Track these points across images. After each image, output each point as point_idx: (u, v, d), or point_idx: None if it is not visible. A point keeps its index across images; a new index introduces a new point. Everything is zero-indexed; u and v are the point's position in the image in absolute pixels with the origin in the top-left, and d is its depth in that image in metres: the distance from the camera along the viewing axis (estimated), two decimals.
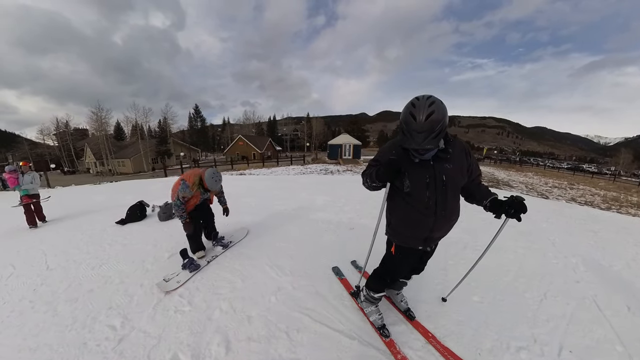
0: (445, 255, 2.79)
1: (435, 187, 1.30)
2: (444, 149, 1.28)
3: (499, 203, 1.32)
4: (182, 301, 2.11)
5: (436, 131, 1.11)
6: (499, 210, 1.30)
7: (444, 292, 2.08)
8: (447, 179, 1.29)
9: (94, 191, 9.20)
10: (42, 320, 1.99)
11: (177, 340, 1.71)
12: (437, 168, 1.29)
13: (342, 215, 4.32)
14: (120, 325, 1.87)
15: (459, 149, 1.33)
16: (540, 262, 2.83)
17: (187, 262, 2.58)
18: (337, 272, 2.48)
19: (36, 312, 2.09)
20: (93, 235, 3.80)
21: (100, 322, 1.92)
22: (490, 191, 1.42)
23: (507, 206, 1.28)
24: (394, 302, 1.98)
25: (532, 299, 2.14)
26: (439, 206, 1.32)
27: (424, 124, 1.10)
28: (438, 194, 1.31)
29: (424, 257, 1.65)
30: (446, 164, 1.29)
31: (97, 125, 33.87)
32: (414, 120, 1.12)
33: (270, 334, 1.75)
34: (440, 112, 1.10)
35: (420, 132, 1.12)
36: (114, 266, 2.78)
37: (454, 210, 1.40)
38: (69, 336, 1.81)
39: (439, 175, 1.29)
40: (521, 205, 1.26)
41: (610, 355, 1.62)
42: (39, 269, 2.81)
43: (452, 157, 1.29)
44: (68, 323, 1.94)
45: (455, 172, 1.31)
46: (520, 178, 15.67)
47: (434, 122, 1.09)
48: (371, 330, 1.76)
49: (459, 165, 1.32)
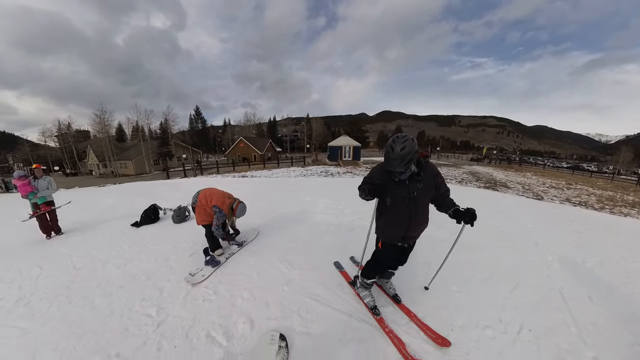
0: (431, 252, 3.06)
1: (409, 200, 1.77)
2: (417, 173, 1.75)
3: (458, 212, 1.77)
4: (208, 292, 2.47)
5: (407, 159, 1.57)
6: (459, 217, 1.76)
7: (426, 282, 2.47)
8: (418, 195, 1.77)
9: (101, 194, 9.34)
10: (82, 312, 2.22)
11: (209, 322, 2.07)
12: (410, 187, 1.76)
13: (342, 217, 4.66)
14: (156, 314, 2.16)
15: (429, 172, 1.79)
16: (518, 260, 3.11)
17: (209, 259, 2.94)
18: (338, 266, 2.86)
19: (74, 305, 2.31)
20: (112, 237, 4.03)
21: (136, 312, 2.19)
22: (454, 203, 1.85)
23: (463, 215, 1.74)
24: (384, 289, 2.41)
25: (504, 289, 2.50)
26: (412, 214, 1.80)
27: (398, 154, 1.57)
28: (411, 206, 1.78)
29: (405, 251, 2.10)
30: (418, 184, 1.76)
31: (99, 127, 34.21)
32: (392, 151, 1.60)
33: (286, 314, 2.14)
34: (410, 146, 1.56)
35: (395, 160, 1.59)
36: (138, 265, 3.05)
37: (424, 218, 1.90)
38: (111, 324, 2.05)
39: (412, 192, 1.76)
40: (472, 215, 1.71)
41: (564, 334, 1.95)
42: (66, 269, 3.03)
43: (422, 178, 1.75)
44: (107, 314, 2.18)
45: (424, 190, 1.77)
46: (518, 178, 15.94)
47: (405, 153, 1.56)
48: (365, 310, 2.16)
49: (428, 184, 1.78)
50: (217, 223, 2.96)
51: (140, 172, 31.72)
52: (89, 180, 24.60)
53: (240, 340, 1.90)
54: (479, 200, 7.03)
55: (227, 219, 3.08)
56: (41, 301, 2.42)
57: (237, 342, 1.88)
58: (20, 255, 3.57)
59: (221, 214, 2.94)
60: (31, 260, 3.34)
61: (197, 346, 1.85)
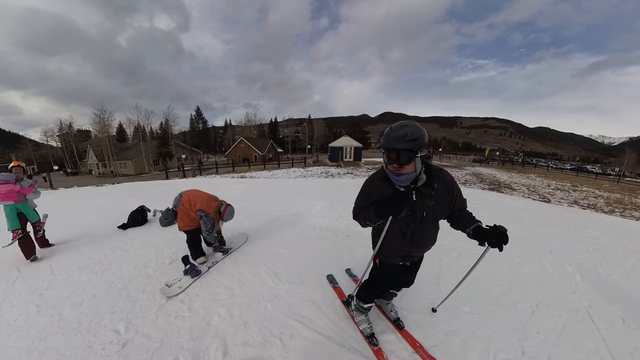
0: (440, 264, 2.80)
1: (414, 221, 1.37)
2: (428, 183, 1.32)
3: (481, 232, 1.35)
4: (183, 307, 2.19)
5: (408, 137, 1.17)
6: (482, 238, 1.34)
7: (435, 302, 2.11)
8: (427, 215, 1.36)
9: (97, 193, 9.28)
10: (49, 323, 2.06)
11: (177, 345, 1.79)
12: (419, 204, 1.34)
13: (340, 221, 4.36)
14: (124, 330, 1.94)
15: (442, 184, 1.36)
16: (535, 271, 2.82)
17: (189, 268, 2.66)
18: (331, 280, 2.53)
19: (42, 316, 2.16)
20: (95, 241, 3.82)
21: (104, 327, 1.99)
22: (474, 218, 1.44)
23: (489, 235, 1.31)
24: (384, 311, 2.04)
25: (523, 310, 2.16)
26: (415, 236, 1.42)
27: (398, 130, 1.20)
28: (416, 227, 1.39)
29: (409, 269, 1.70)
30: (429, 200, 1.34)
31: (99, 126, 34.19)
32: (390, 129, 1.24)
33: (265, 339, 1.82)
34: (415, 128, 1.19)
35: (394, 137, 1.20)
36: (116, 271, 2.84)
37: (430, 239, 1.50)
38: (75, 340, 1.87)
39: (419, 212, 1.35)
40: (503, 236, 1.28)
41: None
42: (43, 274, 2.86)
43: (435, 193, 1.33)
44: (73, 327, 2.00)
45: (436, 208, 1.37)
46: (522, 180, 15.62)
47: (407, 130, 1.18)
48: (360, 338, 1.81)
49: (441, 201, 1.37)
50: (207, 228, 2.73)
51: (139, 172, 31.62)
52: (89, 180, 24.51)
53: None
54: (487, 203, 6.71)
55: (214, 223, 2.81)
56: (11, 309, 2.28)
57: None
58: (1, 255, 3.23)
59: (208, 219, 2.69)
60: (11, 262, 3.11)
61: None
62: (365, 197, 1.46)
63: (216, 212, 2.74)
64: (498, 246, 1.29)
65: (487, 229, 1.33)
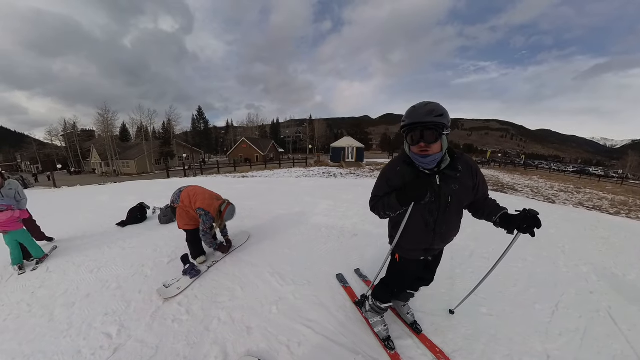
0: (452, 263, 2.70)
1: (438, 208, 1.27)
2: (452, 165, 1.23)
3: (510, 218, 1.26)
4: (181, 309, 2.06)
5: (435, 113, 1.11)
6: (511, 225, 1.24)
7: (451, 304, 1.99)
8: (452, 201, 1.26)
9: (98, 192, 9.29)
10: (39, 324, 1.96)
11: (173, 352, 1.66)
12: (443, 189, 1.24)
13: (345, 220, 4.24)
14: (117, 334, 1.82)
15: (466, 167, 1.28)
16: (550, 271, 2.73)
17: (188, 267, 2.54)
18: (341, 279, 2.41)
19: (33, 316, 2.07)
20: (93, 238, 3.74)
21: (95, 329, 1.87)
22: (500, 205, 1.33)
23: (520, 221, 1.21)
24: (400, 314, 1.90)
25: (543, 311, 2.05)
26: (439, 225, 1.31)
27: (424, 107, 1.13)
28: (440, 215, 1.29)
29: (430, 265, 1.60)
30: (453, 184, 1.24)
31: (103, 126, 34.32)
32: (414, 107, 1.16)
33: (271, 347, 1.68)
34: (439, 105, 1.14)
35: (420, 113, 1.12)
36: (112, 270, 2.73)
37: (454, 228, 1.40)
38: (64, 343, 1.77)
39: (444, 197, 1.25)
40: (535, 220, 1.19)
41: None
42: (39, 271, 2.79)
43: (460, 176, 1.24)
44: (64, 329, 1.90)
45: (461, 193, 1.27)
46: (525, 182, 15.46)
47: (433, 107, 1.13)
48: (375, 344, 1.69)
49: (466, 185, 1.27)
50: (204, 228, 2.58)
51: (142, 171, 31.67)
52: (92, 179, 24.59)
53: None
54: None
55: (215, 222, 2.66)
56: (1, 307, 2.20)
57: None
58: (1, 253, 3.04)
59: (207, 218, 2.54)
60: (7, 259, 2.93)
61: None
62: (384, 184, 1.35)
63: (217, 212, 2.59)
64: (530, 231, 1.20)
65: (517, 214, 1.24)
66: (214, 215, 2.57)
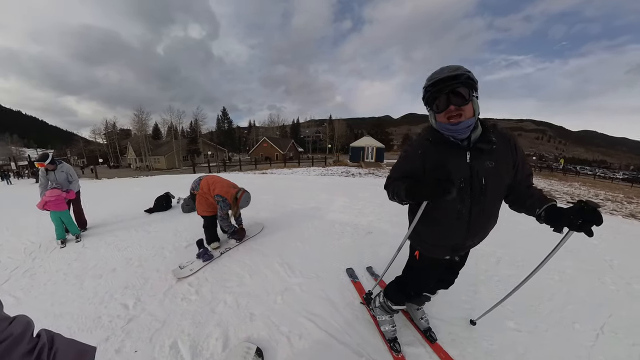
0: (476, 269, 2.46)
1: (471, 193, 1.05)
2: (485, 137, 1.02)
3: (559, 212, 0.98)
4: (191, 290, 2.15)
5: (462, 69, 0.95)
6: (561, 220, 0.96)
7: (472, 313, 1.80)
8: (488, 182, 1.03)
9: (133, 184, 10.30)
10: (70, 291, 2.22)
11: (179, 328, 1.72)
12: (475, 167, 1.03)
13: (360, 218, 4.12)
14: (133, 306, 1.97)
15: (502, 139, 1.06)
16: (594, 287, 2.37)
17: (202, 251, 2.65)
18: (351, 274, 2.33)
19: (67, 283, 2.34)
20: (124, 221, 4.15)
21: (115, 300, 2.05)
22: (547, 197, 1.07)
23: (573, 215, 0.93)
24: (413, 318, 1.72)
25: (584, 332, 1.76)
26: (474, 215, 1.08)
27: (446, 67, 0.98)
28: (474, 202, 1.06)
29: (454, 267, 1.41)
30: (488, 161, 1.02)
31: (138, 126, 37.30)
32: (434, 72, 1.00)
33: (271, 336, 1.65)
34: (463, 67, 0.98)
35: (445, 70, 0.97)
36: (136, 250, 2.98)
37: (492, 218, 1.15)
38: (88, 309, 1.97)
39: (476, 178, 1.03)
40: (594, 214, 0.90)
41: None
42: (76, 246, 3.19)
43: (496, 150, 1.03)
44: (90, 296, 2.12)
45: (498, 171, 1.04)
46: (564, 188, 14.04)
47: (457, 65, 0.97)
48: (382, 347, 1.57)
49: (503, 162, 1.05)
50: (222, 214, 2.71)
51: (170, 166, 33.85)
52: (128, 172, 26.83)
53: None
54: None
55: (231, 209, 2.77)
56: (44, 274, 2.52)
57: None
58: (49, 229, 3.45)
59: (225, 204, 2.68)
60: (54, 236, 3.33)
61: (157, 356, 1.51)
62: (401, 166, 1.20)
63: (233, 198, 2.70)
64: (586, 229, 0.92)
65: (569, 206, 0.97)
66: (230, 202, 2.68)
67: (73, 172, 3.64)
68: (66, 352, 0.56)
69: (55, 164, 3.44)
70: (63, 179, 3.48)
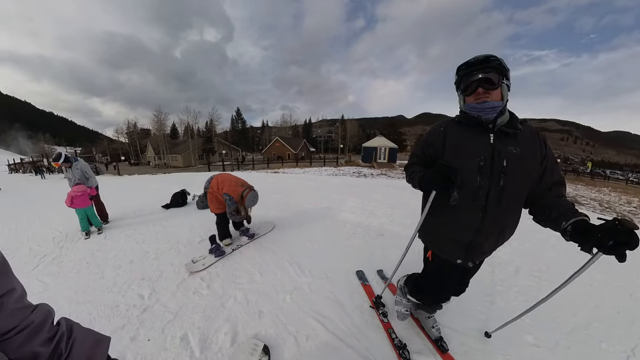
0: (493, 278, 2.33)
1: (490, 174, 1.01)
2: (512, 123, 1.03)
3: (588, 229, 0.86)
4: (202, 284, 2.20)
5: (493, 57, 0.99)
6: (589, 238, 0.84)
7: (487, 325, 1.71)
8: (509, 165, 1.00)
9: (151, 180, 10.77)
10: (92, 279, 2.34)
11: (190, 321, 1.77)
12: (497, 148, 1.01)
13: (372, 219, 4.06)
14: (148, 296, 2.06)
15: (531, 134, 1.06)
16: (625, 304, 2.18)
17: (214, 247, 2.71)
18: (360, 276, 2.29)
19: (89, 272, 2.48)
20: (142, 216, 4.34)
21: (132, 290, 2.15)
22: (577, 210, 0.95)
23: (604, 234, 0.80)
24: (424, 326, 1.67)
25: (613, 353, 1.63)
26: (491, 201, 1.02)
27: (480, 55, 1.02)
28: (493, 183, 1.01)
29: (466, 275, 1.33)
30: (511, 146, 1.01)
31: (157, 125, 38.93)
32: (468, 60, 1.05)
33: (278, 334, 1.66)
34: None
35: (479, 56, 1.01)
36: (153, 244, 3.11)
37: (512, 214, 1.07)
38: (107, 297, 2.07)
39: (498, 159, 1.00)
40: (628, 236, 0.78)
41: None
42: (98, 237, 3.39)
43: (521, 138, 1.03)
44: (109, 286, 2.23)
45: (521, 159, 1.01)
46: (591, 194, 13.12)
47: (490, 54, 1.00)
48: (391, 353, 1.52)
49: (528, 152, 1.02)
50: (230, 211, 2.76)
51: (187, 165, 35.03)
52: (147, 169, 28.06)
53: (215, 354, 1.52)
54: None
55: (239, 207, 2.81)
56: (69, 262, 2.69)
57: (211, 356, 1.51)
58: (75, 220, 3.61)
59: (232, 202, 2.70)
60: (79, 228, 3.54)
61: (169, 347, 1.56)
62: (422, 142, 1.21)
63: (239, 197, 2.72)
64: (617, 252, 0.79)
65: (602, 224, 0.84)
66: (237, 200, 2.70)
67: (88, 168, 3.83)
68: (83, 341, 0.58)
69: (70, 162, 3.65)
70: (79, 175, 3.67)
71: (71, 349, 0.54)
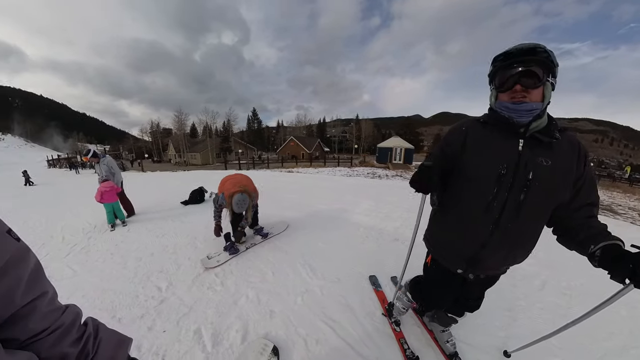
0: (514, 292, 2.15)
1: (511, 185, 0.88)
2: (548, 130, 0.86)
3: (620, 255, 0.76)
4: (216, 280, 2.26)
5: (541, 48, 0.81)
6: (620, 267, 0.75)
7: (507, 343, 1.59)
8: (535, 179, 0.86)
9: (172, 177, 11.34)
10: (116, 269, 2.48)
11: (203, 315, 1.82)
12: (525, 157, 0.87)
13: (387, 223, 3.96)
14: (165, 288, 2.14)
15: (571, 145, 0.89)
16: None
17: (229, 245, 2.76)
18: (374, 281, 2.24)
19: (113, 262, 2.63)
20: (162, 211, 4.56)
21: (151, 282, 2.25)
22: (609, 232, 0.84)
23: (634, 263, 0.72)
24: (438, 340, 1.58)
25: None
26: (507, 214, 0.90)
27: (524, 43, 0.84)
28: (511, 196, 0.89)
29: (472, 288, 1.21)
30: (543, 157, 0.86)
31: (178, 125, 40.81)
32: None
33: (289, 336, 1.66)
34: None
35: (522, 45, 0.83)
36: (172, 238, 3.25)
37: (527, 233, 0.94)
38: (129, 286, 2.18)
39: (524, 170, 0.86)
40: None
41: None
42: (123, 230, 3.62)
43: (556, 148, 0.87)
44: (131, 276, 2.35)
45: (552, 173, 0.86)
46: (630, 203, 11.98)
47: (537, 44, 0.82)
48: None
49: (562, 167, 0.87)
50: (217, 204, 2.68)
51: (205, 163, 36.39)
52: (168, 167, 29.53)
53: (226, 351, 1.54)
54: None
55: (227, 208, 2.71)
56: (96, 252, 2.89)
57: (222, 352, 1.53)
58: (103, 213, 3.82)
59: (222, 198, 2.62)
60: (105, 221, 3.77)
61: (182, 339, 1.61)
62: (439, 148, 1.08)
63: (230, 198, 2.58)
64: None
65: (637, 252, 0.75)
66: (227, 199, 2.59)
67: (114, 164, 4.04)
68: (109, 341, 0.60)
69: (98, 158, 3.90)
70: (106, 170, 3.89)
71: (97, 349, 0.56)
